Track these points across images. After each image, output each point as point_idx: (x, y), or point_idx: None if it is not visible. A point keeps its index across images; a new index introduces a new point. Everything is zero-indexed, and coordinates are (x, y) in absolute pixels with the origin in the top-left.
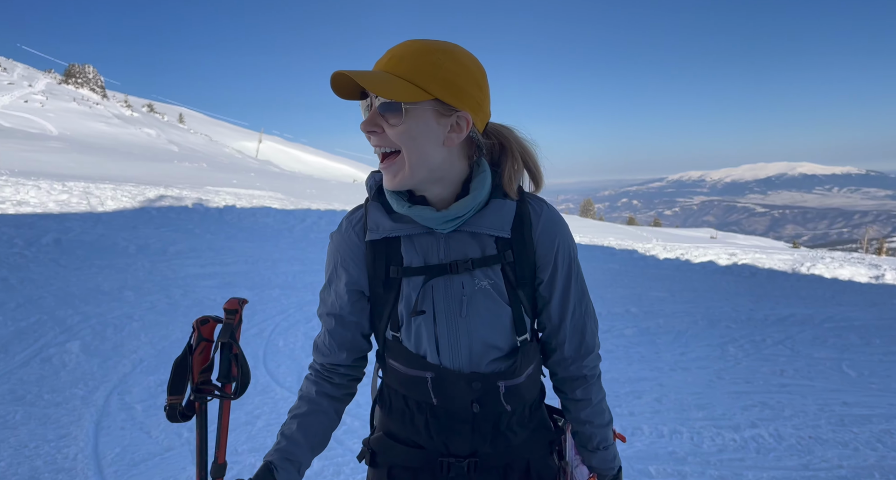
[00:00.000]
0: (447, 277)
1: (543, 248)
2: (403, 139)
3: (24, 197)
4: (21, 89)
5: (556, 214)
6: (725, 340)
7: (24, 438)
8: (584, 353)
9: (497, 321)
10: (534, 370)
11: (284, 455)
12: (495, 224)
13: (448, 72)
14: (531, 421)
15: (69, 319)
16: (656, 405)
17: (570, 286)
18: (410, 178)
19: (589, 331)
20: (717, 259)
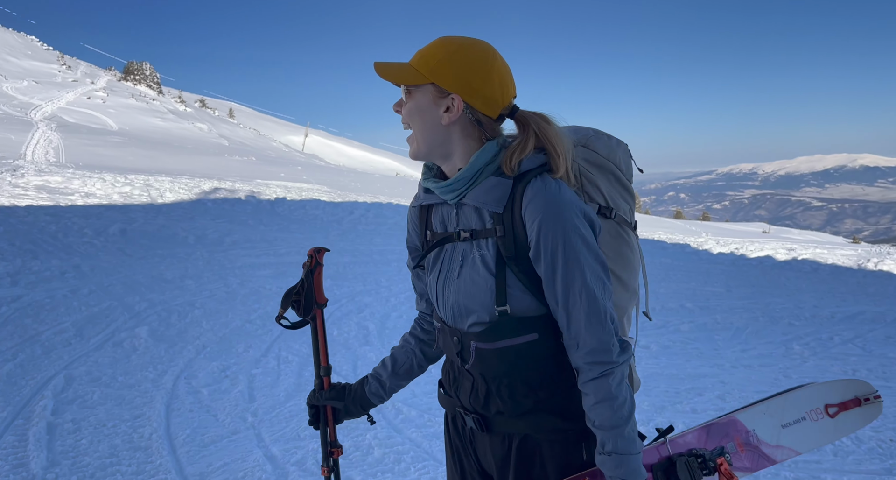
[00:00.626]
0: (454, 243)
1: (529, 225)
2: (408, 116)
3: (91, 189)
4: (84, 86)
5: (549, 193)
6: (789, 337)
7: (103, 417)
8: (581, 345)
9: (477, 289)
10: (526, 346)
11: (375, 374)
12: (489, 199)
13: (446, 61)
14: (529, 399)
15: (136, 305)
16: (720, 403)
17: (557, 270)
18: (418, 150)
19: (588, 324)
20: (774, 254)
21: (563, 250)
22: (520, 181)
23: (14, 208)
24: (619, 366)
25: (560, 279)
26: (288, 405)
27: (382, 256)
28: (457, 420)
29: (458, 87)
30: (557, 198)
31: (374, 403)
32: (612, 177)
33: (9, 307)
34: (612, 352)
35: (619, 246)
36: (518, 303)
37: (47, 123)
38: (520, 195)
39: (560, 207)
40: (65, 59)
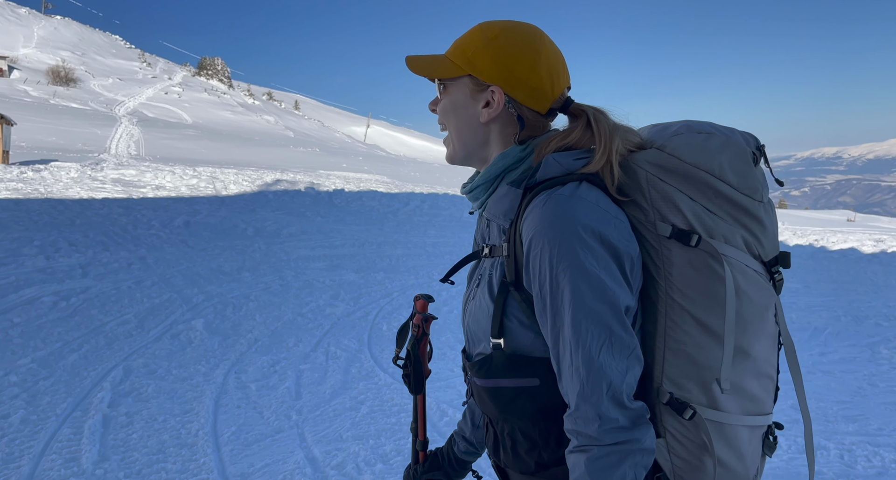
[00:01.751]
0: (482, 260)
1: (524, 246)
2: (443, 115)
3: (162, 182)
4: (162, 82)
5: (550, 204)
6: (876, 340)
7: (155, 411)
8: (570, 403)
9: (481, 314)
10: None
11: (459, 431)
12: (497, 211)
13: (484, 49)
14: (531, 458)
15: (195, 297)
16: (793, 413)
17: (546, 305)
18: (455, 154)
19: (571, 380)
20: (859, 246)
21: (550, 279)
22: (531, 190)
23: (91, 200)
24: (606, 447)
25: (549, 317)
26: (333, 404)
27: (436, 248)
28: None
29: (497, 77)
30: (557, 210)
31: (470, 461)
32: (709, 190)
33: (78, 298)
34: (595, 424)
35: (707, 284)
36: (516, 338)
37: (129, 118)
38: (524, 207)
39: (557, 222)
40: (145, 56)
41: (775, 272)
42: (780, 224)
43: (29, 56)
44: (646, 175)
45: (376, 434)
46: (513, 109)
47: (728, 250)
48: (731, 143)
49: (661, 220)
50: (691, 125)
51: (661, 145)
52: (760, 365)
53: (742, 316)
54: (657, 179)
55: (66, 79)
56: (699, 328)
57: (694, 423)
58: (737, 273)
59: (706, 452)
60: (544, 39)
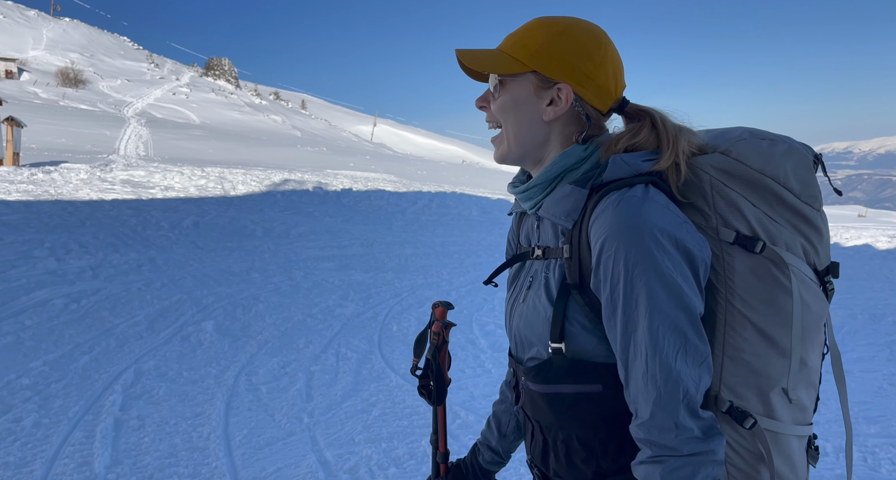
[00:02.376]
0: (532, 262)
1: (593, 246)
2: (501, 112)
3: (170, 183)
4: (170, 83)
5: (624, 205)
6: (894, 338)
7: (166, 414)
8: (638, 413)
9: (537, 318)
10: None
11: (484, 440)
12: (558, 211)
13: (549, 43)
14: (588, 467)
15: (204, 299)
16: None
17: (617, 308)
18: (509, 153)
19: (645, 387)
20: (874, 242)
21: (625, 283)
22: (598, 191)
23: (101, 202)
24: (683, 458)
25: (619, 321)
26: (344, 406)
27: (444, 247)
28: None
29: (566, 74)
30: (633, 212)
31: (495, 470)
32: (772, 197)
33: (89, 300)
34: (670, 433)
35: (769, 292)
36: (578, 343)
37: (138, 118)
38: (591, 207)
39: (634, 223)
40: (153, 57)
41: (827, 282)
42: None
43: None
44: (710, 179)
45: (388, 437)
46: (579, 107)
47: (790, 258)
48: (795, 150)
49: (724, 225)
50: (753, 131)
51: (727, 150)
52: (812, 375)
53: (803, 326)
54: (722, 183)
55: (75, 80)
56: (759, 336)
57: (752, 433)
58: (798, 282)
59: (763, 462)
60: (608, 38)
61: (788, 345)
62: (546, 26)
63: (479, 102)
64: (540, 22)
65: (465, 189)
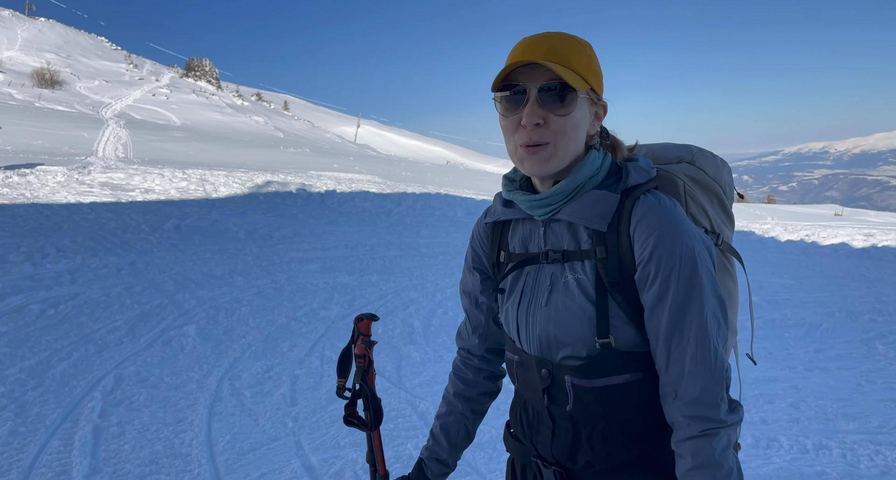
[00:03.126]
0: (539, 266)
1: (638, 245)
2: (567, 127)
3: (151, 185)
4: (149, 84)
5: (666, 210)
6: (871, 335)
7: (147, 421)
8: (681, 393)
9: (572, 318)
10: (628, 387)
11: (431, 454)
12: (590, 216)
13: (594, 63)
14: (629, 451)
15: (186, 303)
16: (793, 412)
17: (667, 297)
18: (559, 165)
19: (693, 367)
20: (850, 241)
21: (678, 276)
22: (628, 196)
23: (79, 205)
24: (727, 428)
25: (668, 309)
26: (329, 409)
27: (429, 249)
28: (528, 471)
29: (602, 91)
30: (676, 216)
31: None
32: (716, 200)
33: (66, 305)
34: (720, 408)
35: (722, 278)
36: (622, 335)
37: (117, 120)
38: (628, 211)
39: (681, 226)
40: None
41: None
42: (770, 220)
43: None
44: (683, 185)
45: None
46: None
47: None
48: (725, 162)
49: (694, 222)
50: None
51: (692, 160)
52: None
53: (736, 301)
54: (692, 188)
55: (51, 81)
56: None
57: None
58: (735, 267)
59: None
60: None
61: (733, 319)
62: (580, 43)
63: (534, 118)
64: (572, 38)
65: (450, 190)
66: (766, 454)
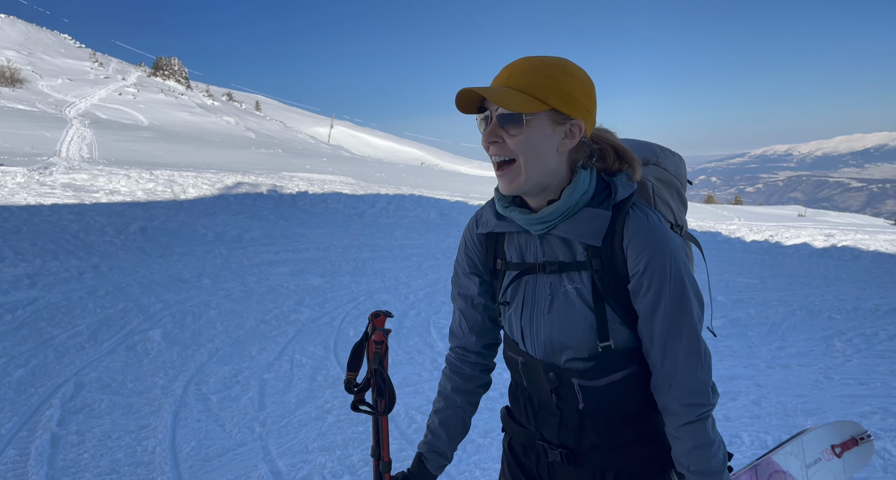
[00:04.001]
0: (537, 276)
1: (631, 261)
2: (523, 147)
3: (116, 186)
4: (115, 83)
5: (653, 226)
6: (830, 333)
7: (108, 428)
8: (675, 385)
9: (574, 324)
10: (627, 379)
11: (431, 448)
12: (585, 232)
13: (562, 83)
14: (629, 431)
15: (152, 306)
16: (755, 409)
17: (660, 305)
18: (525, 183)
19: (686, 363)
20: (811, 241)
21: (670, 287)
22: (619, 212)
23: (40, 207)
24: (713, 408)
25: (661, 315)
26: (298, 414)
27: (402, 250)
28: (530, 451)
29: (578, 111)
30: (661, 232)
31: (440, 474)
32: (676, 193)
33: (24, 310)
34: (710, 394)
35: None
36: (619, 337)
37: (81, 119)
38: (620, 227)
39: (666, 242)
40: (97, 56)
41: None
42: (737, 220)
43: None
44: (652, 186)
45: (343, 445)
46: (585, 138)
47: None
48: (682, 160)
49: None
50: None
51: (657, 162)
52: None
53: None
54: (659, 188)
55: (11, 79)
56: None
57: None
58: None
59: None
60: None
61: None
62: (553, 67)
63: (490, 137)
64: (544, 62)
65: (424, 191)
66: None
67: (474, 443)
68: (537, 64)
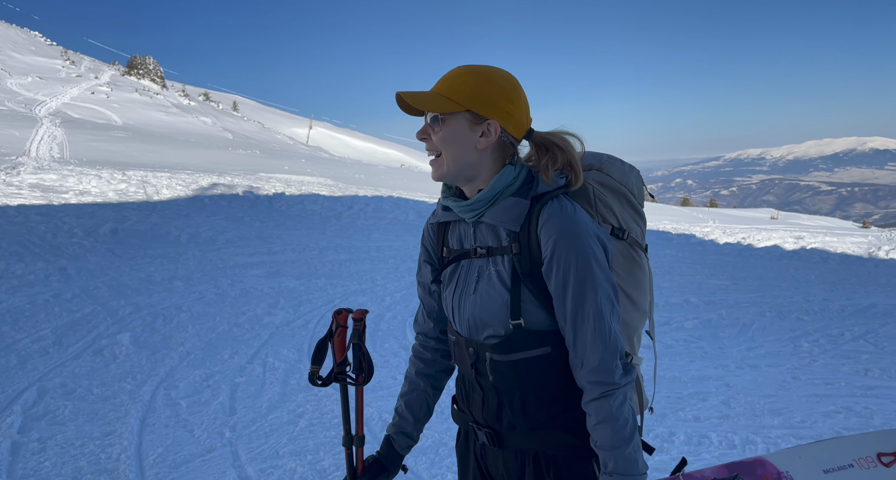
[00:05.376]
0: (471, 260)
1: (544, 243)
2: (442, 143)
3: (87, 187)
4: (88, 81)
5: (565, 214)
6: (797, 334)
7: (71, 435)
8: (585, 363)
9: (493, 303)
10: (538, 359)
11: (398, 429)
12: (506, 218)
13: (479, 88)
14: (542, 413)
15: (121, 310)
16: (724, 409)
17: (568, 287)
18: (447, 173)
19: (593, 342)
20: (782, 243)
21: (575, 269)
22: (537, 202)
23: (5, 207)
24: (622, 388)
25: (570, 297)
26: (269, 418)
27: (380, 252)
28: (469, 435)
29: (494, 112)
30: (573, 219)
31: (407, 454)
32: (625, 201)
33: None
34: (615, 373)
35: (630, 267)
36: (532, 317)
37: (52, 118)
38: (536, 215)
39: (575, 227)
40: (68, 54)
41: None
42: (711, 223)
43: None
44: (593, 189)
45: (315, 449)
46: (505, 137)
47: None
48: (634, 168)
49: (603, 221)
50: (608, 154)
51: (601, 167)
52: (645, 319)
53: (647, 288)
54: (600, 192)
55: None
56: (627, 299)
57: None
58: (644, 258)
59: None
60: (519, 83)
61: (642, 303)
62: (473, 74)
63: (420, 134)
64: (467, 70)
65: (403, 193)
66: (696, 450)
67: (447, 446)
68: (461, 71)
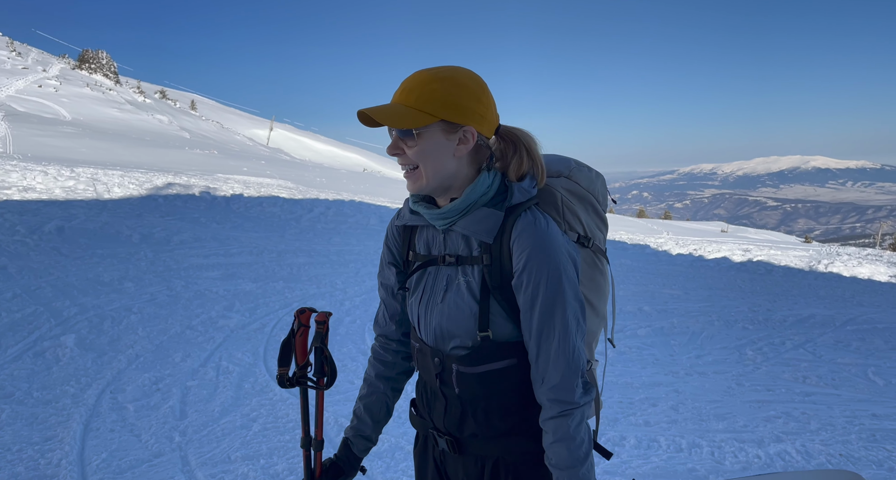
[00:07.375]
0: (438, 267)
1: (516, 256)
2: (419, 157)
3: (31, 183)
4: (35, 74)
5: (539, 228)
6: (743, 342)
7: (8, 440)
8: (546, 380)
9: (461, 313)
10: (504, 371)
11: (357, 432)
12: (479, 229)
13: (449, 95)
14: (505, 422)
15: (66, 310)
16: (673, 415)
17: (536, 302)
18: (427, 186)
19: (555, 359)
20: (731, 255)
21: (545, 285)
22: (511, 213)
23: None
24: (580, 408)
25: (538, 312)
26: (222, 422)
27: (340, 256)
28: (428, 440)
29: (468, 118)
30: (546, 234)
31: (364, 456)
32: (591, 208)
33: None
34: (575, 392)
35: (593, 273)
36: (500, 329)
37: None
38: (510, 227)
39: (549, 243)
40: (14, 45)
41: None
42: (665, 234)
43: None
44: (561, 196)
45: (268, 453)
46: (481, 141)
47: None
48: (600, 175)
49: (570, 229)
50: (576, 160)
51: (569, 175)
52: (603, 325)
53: (608, 294)
54: (568, 200)
55: None
56: (588, 305)
57: (590, 371)
58: (605, 264)
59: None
60: (484, 80)
61: (601, 308)
62: (440, 80)
63: (391, 150)
64: (432, 76)
65: (365, 198)
66: (645, 454)
67: (402, 450)
68: (426, 78)
